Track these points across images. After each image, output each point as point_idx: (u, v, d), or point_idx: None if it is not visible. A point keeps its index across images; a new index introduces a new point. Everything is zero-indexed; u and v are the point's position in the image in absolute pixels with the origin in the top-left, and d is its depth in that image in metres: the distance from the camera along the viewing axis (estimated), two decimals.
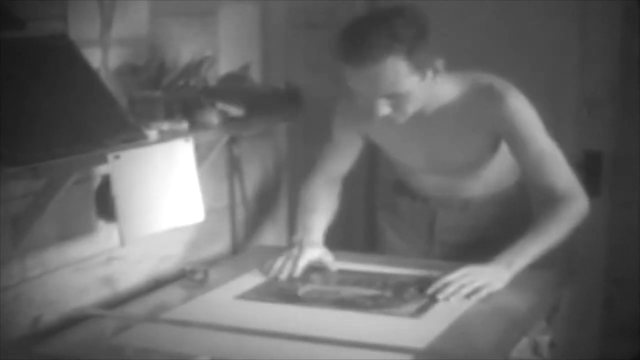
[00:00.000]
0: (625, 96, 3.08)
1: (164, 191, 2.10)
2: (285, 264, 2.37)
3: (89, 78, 2.06)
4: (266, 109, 2.56)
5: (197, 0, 2.61)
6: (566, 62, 3.13)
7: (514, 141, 2.31)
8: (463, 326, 2.03)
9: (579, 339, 3.04)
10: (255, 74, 2.81)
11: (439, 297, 2.17)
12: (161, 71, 2.29)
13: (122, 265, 2.35)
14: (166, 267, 2.50)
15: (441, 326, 2.00)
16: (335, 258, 2.47)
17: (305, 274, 2.37)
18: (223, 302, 2.21)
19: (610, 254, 3.17)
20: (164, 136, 2.14)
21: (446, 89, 2.28)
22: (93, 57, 2.14)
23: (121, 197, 1.99)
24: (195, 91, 2.37)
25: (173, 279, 2.42)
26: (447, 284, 2.19)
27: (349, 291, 2.26)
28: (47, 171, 1.87)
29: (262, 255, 2.58)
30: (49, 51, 2.01)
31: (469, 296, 2.16)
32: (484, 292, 2.17)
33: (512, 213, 2.51)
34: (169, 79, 2.28)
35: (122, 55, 2.28)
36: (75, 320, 2.12)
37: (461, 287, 2.17)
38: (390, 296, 2.22)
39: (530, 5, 3.14)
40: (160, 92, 2.25)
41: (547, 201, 2.29)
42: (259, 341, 1.96)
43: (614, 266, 3.17)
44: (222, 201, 2.75)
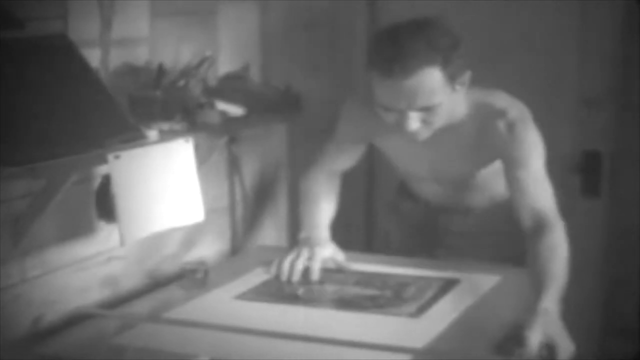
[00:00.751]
0: (625, 96, 3.08)
1: (163, 191, 2.10)
2: (295, 265, 2.35)
3: (88, 78, 2.06)
4: (266, 109, 2.56)
5: (197, 0, 2.61)
6: (566, 62, 3.13)
7: (512, 164, 2.27)
8: (463, 326, 2.03)
9: (578, 339, 3.04)
10: (255, 74, 2.81)
11: None
12: (161, 71, 2.29)
13: (122, 265, 2.35)
14: (166, 267, 2.50)
15: (441, 326, 2.00)
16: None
17: (307, 274, 2.37)
18: (223, 302, 2.22)
19: (610, 254, 3.17)
20: (164, 136, 2.14)
21: (459, 104, 2.24)
22: (93, 57, 2.14)
23: (121, 197, 1.99)
24: (195, 91, 2.37)
25: (173, 279, 2.42)
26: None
27: (348, 291, 2.26)
28: (47, 171, 1.87)
29: (262, 255, 2.58)
30: (48, 51, 2.01)
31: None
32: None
33: (515, 219, 2.48)
34: (168, 79, 2.28)
35: (121, 55, 2.28)
36: (75, 320, 2.13)
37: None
38: (390, 296, 2.22)
39: (530, 5, 3.14)
40: (160, 92, 2.25)
41: (536, 228, 2.21)
42: (259, 341, 1.96)
43: (614, 266, 3.17)
44: (222, 201, 2.75)
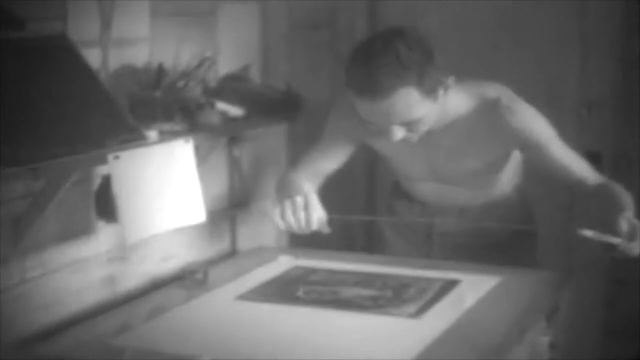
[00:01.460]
0: (625, 96, 3.08)
1: (164, 192, 2.10)
2: (297, 214, 2.19)
3: (88, 78, 2.06)
4: (266, 109, 2.56)
5: (197, 0, 2.61)
6: (566, 62, 3.13)
7: (533, 151, 2.30)
8: (463, 327, 2.03)
9: (579, 340, 3.04)
10: (255, 74, 2.81)
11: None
12: (161, 71, 2.29)
13: (122, 266, 2.35)
14: (166, 267, 2.49)
15: (441, 327, 2.00)
16: (336, 258, 2.48)
17: (307, 274, 2.37)
18: (223, 302, 2.22)
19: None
20: (164, 137, 2.14)
21: (453, 103, 2.24)
22: (93, 57, 2.14)
23: (121, 197, 1.99)
24: (195, 92, 2.37)
25: (173, 279, 2.42)
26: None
27: (348, 291, 2.26)
28: (47, 171, 1.86)
29: (262, 255, 2.58)
30: (48, 51, 2.00)
31: None
32: None
33: (511, 217, 2.49)
34: (168, 79, 2.28)
35: (122, 55, 2.27)
36: (75, 320, 2.13)
37: None
38: (390, 296, 2.22)
39: (530, 6, 3.14)
40: (160, 92, 2.25)
41: (584, 190, 2.30)
42: (259, 341, 1.96)
43: (615, 267, 3.17)
44: (222, 202, 2.75)
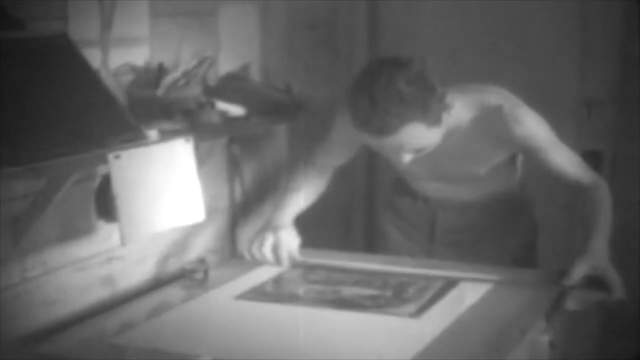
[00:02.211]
0: (625, 96, 3.08)
1: (164, 191, 2.10)
2: (264, 252, 2.42)
3: (89, 78, 2.06)
4: (266, 109, 2.56)
5: (197, 0, 2.61)
6: (566, 62, 3.14)
7: (533, 155, 2.34)
8: (462, 326, 2.03)
9: (578, 339, 3.04)
10: (255, 73, 2.81)
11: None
12: (161, 71, 2.29)
13: (122, 265, 2.35)
14: (166, 267, 2.49)
15: (441, 327, 2.00)
16: (335, 258, 2.48)
17: (307, 274, 2.38)
18: (223, 302, 2.22)
19: (611, 253, 3.16)
20: (164, 136, 2.14)
21: (455, 111, 2.24)
22: (93, 57, 2.14)
23: (121, 197, 1.99)
24: (195, 91, 2.37)
25: (173, 279, 2.42)
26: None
27: (348, 291, 2.26)
28: (47, 171, 1.86)
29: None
30: (49, 51, 2.00)
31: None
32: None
33: (513, 214, 2.52)
34: (169, 79, 2.28)
35: (122, 55, 2.27)
36: (75, 319, 2.13)
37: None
38: (390, 296, 2.22)
39: (530, 6, 3.14)
40: (161, 92, 2.25)
41: (580, 193, 2.35)
42: (258, 341, 1.96)
43: (615, 266, 3.16)
44: (222, 201, 2.75)
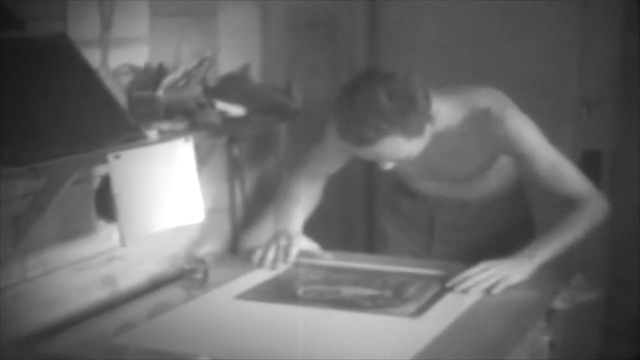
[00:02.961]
0: (625, 96, 3.08)
1: (163, 191, 2.10)
2: (277, 255, 2.42)
3: (88, 78, 2.06)
4: (266, 109, 2.56)
5: (197, 0, 2.61)
6: (566, 62, 3.13)
7: (520, 159, 2.35)
8: (462, 326, 2.03)
9: (579, 340, 3.04)
10: (255, 74, 2.81)
11: (457, 289, 2.21)
12: (161, 71, 2.29)
13: (122, 265, 2.35)
14: (166, 267, 2.50)
15: (440, 327, 2.00)
16: (335, 258, 2.48)
17: (306, 274, 2.38)
18: (222, 302, 2.22)
19: (611, 254, 3.17)
20: (164, 136, 2.14)
21: (446, 113, 2.27)
22: (93, 57, 2.14)
23: (121, 197, 1.99)
24: (195, 91, 2.37)
25: (173, 279, 2.42)
26: (466, 278, 2.23)
27: (348, 291, 2.26)
28: (47, 171, 1.87)
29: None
30: (49, 51, 2.01)
31: (488, 290, 2.19)
32: (502, 285, 2.20)
33: (510, 211, 2.54)
34: (168, 79, 2.28)
35: (122, 55, 2.28)
36: (75, 319, 2.13)
37: (480, 281, 2.21)
38: (389, 296, 2.22)
39: (530, 5, 3.14)
40: (160, 92, 2.25)
41: (567, 203, 2.33)
42: (258, 341, 1.96)
43: (615, 266, 3.17)
44: (222, 201, 2.75)
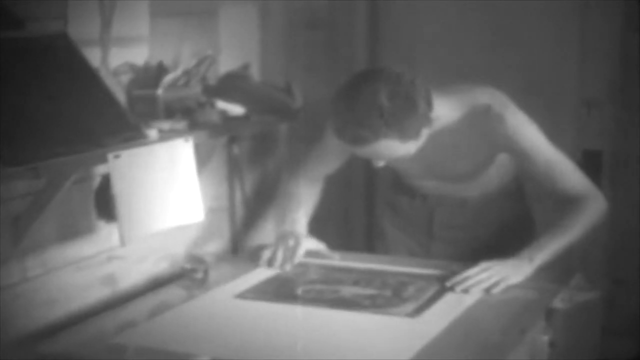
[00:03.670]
0: (625, 96, 3.08)
1: (163, 191, 2.10)
2: (286, 255, 2.42)
3: (89, 78, 2.06)
4: (266, 108, 2.56)
5: (197, 0, 2.61)
6: (566, 62, 3.13)
7: (520, 158, 2.35)
8: (462, 326, 2.03)
9: (579, 339, 3.04)
10: (255, 73, 2.81)
11: (457, 289, 2.20)
12: (161, 70, 2.29)
13: (123, 265, 2.35)
14: (166, 266, 2.50)
15: (440, 326, 2.00)
16: (342, 258, 2.49)
17: (306, 273, 2.38)
18: (223, 302, 2.22)
19: (610, 254, 3.17)
20: (164, 136, 2.14)
21: (445, 112, 2.27)
22: (93, 56, 2.15)
23: (121, 196, 1.99)
24: (195, 90, 2.37)
25: (173, 278, 2.42)
26: (466, 278, 2.23)
27: (347, 290, 2.26)
28: (47, 171, 1.87)
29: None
30: (49, 51, 2.01)
31: (488, 290, 2.19)
32: (502, 285, 2.20)
33: (509, 209, 2.55)
34: (168, 78, 2.28)
35: (121, 54, 2.28)
36: (76, 319, 2.13)
37: (480, 281, 2.21)
38: (389, 295, 2.22)
39: (530, 5, 3.14)
40: (160, 91, 2.25)
41: (565, 203, 2.33)
42: (258, 340, 1.96)
43: (614, 266, 3.17)
44: (222, 201, 2.75)
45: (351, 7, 3.33)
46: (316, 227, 2.59)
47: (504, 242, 2.40)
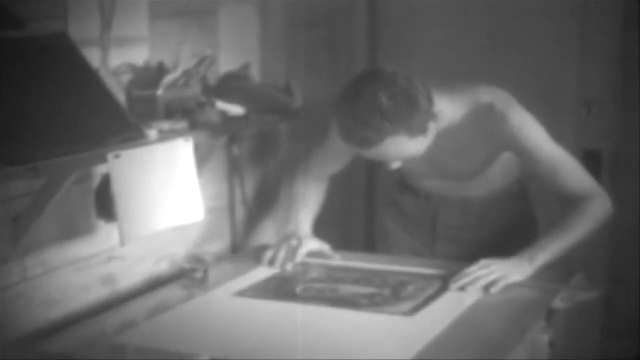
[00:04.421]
0: (625, 96, 3.08)
1: (163, 191, 2.10)
2: (288, 255, 2.43)
3: (89, 78, 2.06)
4: (266, 109, 2.56)
5: (197, 0, 2.61)
6: (566, 62, 3.13)
7: (523, 156, 2.35)
8: (462, 326, 2.03)
9: (578, 339, 3.04)
10: (255, 73, 2.81)
11: (456, 285, 2.20)
12: (161, 70, 2.29)
13: (123, 265, 2.35)
14: (166, 267, 2.50)
15: (439, 325, 2.00)
16: (344, 258, 2.49)
17: (307, 272, 2.38)
18: (223, 302, 2.22)
19: (611, 254, 3.17)
20: (164, 136, 2.14)
21: (449, 111, 2.27)
22: (93, 57, 2.14)
23: (121, 196, 1.99)
24: (195, 90, 2.37)
25: (173, 278, 2.42)
26: (465, 275, 2.23)
27: (347, 289, 2.26)
28: (47, 171, 1.87)
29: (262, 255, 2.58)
30: (49, 51, 2.01)
31: (486, 288, 2.19)
32: (502, 284, 2.20)
33: (513, 210, 2.55)
34: (169, 78, 2.28)
35: (121, 55, 2.28)
36: (76, 319, 2.13)
37: (479, 278, 2.21)
38: (388, 295, 2.22)
39: (530, 5, 3.14)
40: (160, 91, 2.25)
41: (568, 204, 2.32)
42: (258, 340, 1.96)
43: (615, 266, 3.17)
44: (222, 201, 2.75)
45: (351, 7, 3.33)
46: (316, 227, 2.59)
47: (507, 243, 2.40)
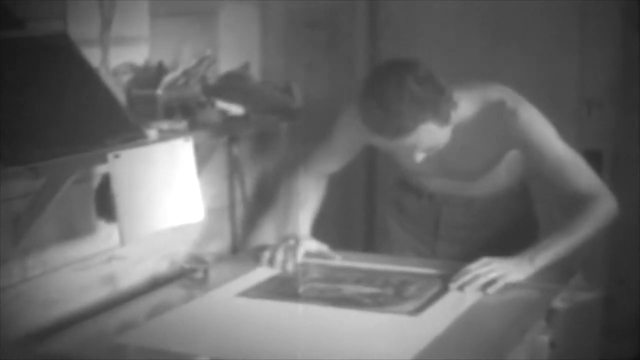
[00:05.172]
0: (625, 96, 3.08)
1: (163, 190, 2.10)
2: (286, 256, 2.42)
3: (89, 78, 2.06)
4: (266, 108, 2.56)
5: (197, 0, 2.61)
6: (566, 62, 3.13)
7: (530, 153, 2.35)
8: (462, 326, 2.03)
9: (578, 339, 3.04)
10: (255, 72, 2.81)
11: (451, 285, 2.20)
12: (161, 70, 2.29)
13: (123, 265, 2.35)
14: (166, 266, 2.50)
15: (440, 325, 2.00)
16: (343, 259, 2.49)
17: (308, 272, 2.38)
18: (223, 302, 2.22)
19: (611, 254, 3.17)
20: (164, 135, 2.14)
21: (461, 107, 2.27)
22: (93, 56, 2.14)
23: (121, 196, 1.99)
24: (195, 90, 2.37)
25: (173, 278, 2.42)
26: (465, 273, 2.22)
27: (349, 289, 2.26)
28: (47, 171, 1.87)
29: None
30: (49, 51, 2.01)
31: (484, 288, 2.18)
32: (501, 282, 2.19)
33: (515, 209, 2.56)
34: (168, 78, 2.28)
35: (121, 55, 2.28)
36: (76, 319, 2.13)
37: (478, 276, 2.20)
38: (390, 294, 2.22)
39: (530, 5, 3.14)
40: (160, 91, 2.25)
41: (573, 204, 2.32)
42: (259, 340, 1.96)
43: (615, 266, 3.17)
44: (222, 201, 2.75)
45: (351, 7, 3.33)
46: (316, 227, 2.59)
47: (508, 243, 2.39)
